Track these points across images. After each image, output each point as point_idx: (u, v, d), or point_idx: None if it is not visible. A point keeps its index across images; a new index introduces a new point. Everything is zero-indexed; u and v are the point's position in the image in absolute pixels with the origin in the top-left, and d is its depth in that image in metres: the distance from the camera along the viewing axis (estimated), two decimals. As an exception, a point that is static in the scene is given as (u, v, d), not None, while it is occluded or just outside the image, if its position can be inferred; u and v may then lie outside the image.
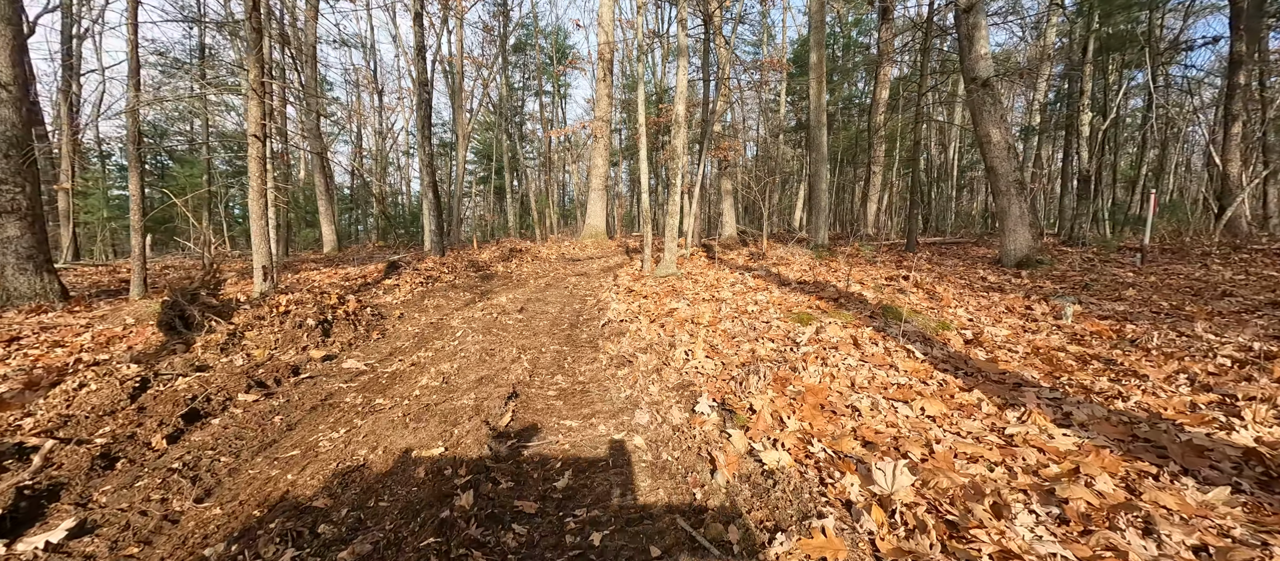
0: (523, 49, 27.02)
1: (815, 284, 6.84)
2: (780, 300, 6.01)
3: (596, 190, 15.04)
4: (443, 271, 9.06)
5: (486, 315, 6.19)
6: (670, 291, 7.04)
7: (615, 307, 6.19)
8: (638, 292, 7.00)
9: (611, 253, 13.79)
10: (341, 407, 3.58)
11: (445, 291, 7.99)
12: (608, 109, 14.84)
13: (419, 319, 6.34)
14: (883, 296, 5.83)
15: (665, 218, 8.15)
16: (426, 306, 7.04)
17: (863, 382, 3.40)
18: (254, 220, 6.40)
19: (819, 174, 12.74)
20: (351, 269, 9.65)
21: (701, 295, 6.69)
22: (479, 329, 5.58)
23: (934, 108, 22.12)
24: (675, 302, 6.30)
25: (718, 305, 6.06)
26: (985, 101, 9.10)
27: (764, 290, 6.76)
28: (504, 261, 11.42)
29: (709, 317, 5.38)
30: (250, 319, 4.83)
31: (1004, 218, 9.04)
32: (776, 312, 5.30)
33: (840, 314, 5.09)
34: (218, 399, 3.49)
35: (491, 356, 4.57)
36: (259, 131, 6.28)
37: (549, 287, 8.64)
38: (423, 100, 10.31)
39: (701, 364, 3.74)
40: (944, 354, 4.11)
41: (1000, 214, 9.15)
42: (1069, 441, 2.63)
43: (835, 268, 8.72)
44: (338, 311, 5.37)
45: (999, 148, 9.02)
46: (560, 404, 3.52)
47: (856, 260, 9.62)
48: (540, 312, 6.60)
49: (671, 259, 8.20)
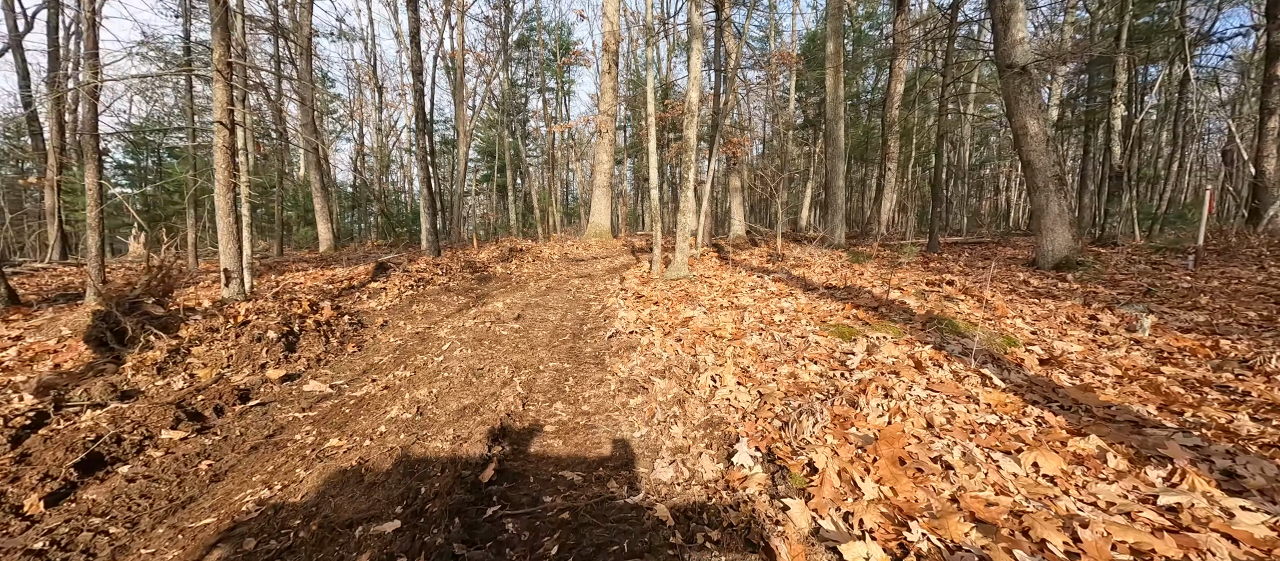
0: (526, 44, 26.28)
1: (846, 289, 6.08)
2: (810, 308, 5.26)
3: (601, 188, 14.31)
4: (436, 273, 8.34)
5: (479, 324, 5.46)
6: (683, 297, 6.29)
7: (623, 316, 5.45)
8: (647, 298, 6.26)
9: (616, 252, 13.06)
10: (288, 448, 2.86)
11: (437, 296, 7.26)
12: (613, 103, 14.09)
13: (403, 328, 5.62)
14: (928, 304, 5.07)
15: (676, 216, 7.41)
16: (414, 313, 6.31)
17: (941, 422, 2.66)
18: (221, 217, 5.68)
19: (835, 170, 11.98)
20: (340, 269, 8.94)
21: (719, 301, 5.95)
22: (469, 341, 4.85)
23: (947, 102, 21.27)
24: (690, 310, 5.56)
25: (739, 314, 5.31)
26: (1022, 91, 8.31)
27: (788, 296, 6.01)
28: (503, 262, 10.69)
29: (732, 330, 4.63)
30: (201, 331, 4.11)
31: (1041, 216, 8.26)
32: (810, 324, 4.56)
33: (885, 326, 4.34)
34: (133, 438, 2.77)
35: (480, 377, 3.84)
36: (226, 118, 5.56)
37: (550, 291, 7.91)
38: (417, 89, 9.59)
39: (733, 394, 3.00)
40: (1023, 379, 3.36)
41: (1037, 211, 8.36)
42: (1258, 521, 1.88)
43: (860, 270, 7.96)
44: (307, 321, 4.65)
45: (1037, 140, 8.24)
46: (558, 444, 2.79)
47: (883, 261, 8.84)
48: (539, 321, 5.87)
49: (683, 260, 7.46)
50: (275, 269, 9.48)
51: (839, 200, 12.04)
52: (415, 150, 9.92)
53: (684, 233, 7.41)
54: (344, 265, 9.89)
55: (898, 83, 17.07)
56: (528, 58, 27.20)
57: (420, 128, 9.64)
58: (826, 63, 11.90)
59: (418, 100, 9.59)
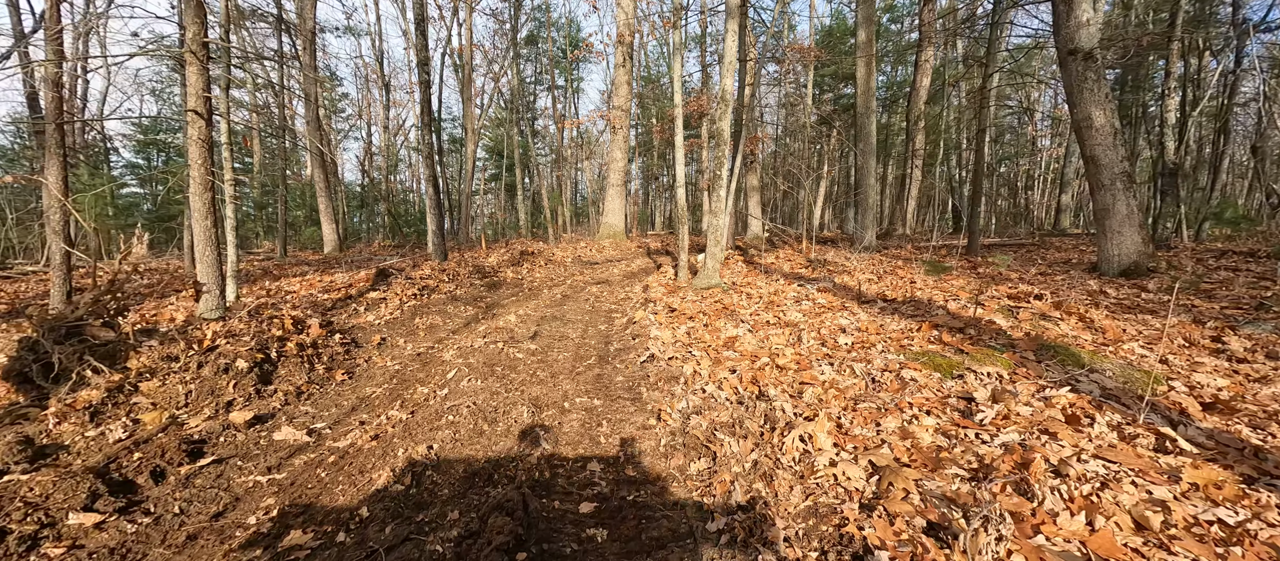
0: (535, 41, 25.54)
1: (910, 302, 5.23)
2: (877, 328, 4.43)
3: (614, 186, 13.49)
4: (442, 280, 7.57)
5: (490, 343, 4.67)
6: (721, 310, 5.48)
7: (658, 336, 4.64)
8: (681, 312, 5.44)
9: (631, 255, 12.25)
10: (236, 539, 2.08)
11: (443, 306, 6.49)
12: (628, 97, 13.27)
13: (403, 348, 4.84)
14: (1021, 324, 4.22)
15: (701, 217, 6.59)
16: (416, 328, 5.54)
17: (1151, 520, 1.83)
18: (196, 221, 4.92)
19: (867, 167, 11.09)
20: (340, 274, 8.20)
21: (763, 316, 5.13)
22: (478, 367, 4.06)
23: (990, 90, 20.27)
24: (732, 327, 4.74)
25: (792, 333, 4.49)
26: (1087, 78, 7.41)
27: (842, 310, 5.17)
28: (513, 266, 9.91)
29: (791, 355, 3.81)
30: (155, 361, 3.34)
31: (1106, 217, 7.36)
32: (890, 351, 3.72)
33: (985, 355, 3.50)
34: (23, 529, 2.00)
35: (492, 423, 3.04)
36: (200, 106, 4.80)
37: (566, 300, 7.12)
38: (423, 81, 8.82)
39: (839, 467, 2.17)
40: (1202, 434, 2.52)
41: (1101, 212, 7.46)
42: None
43: (905, 275, 7.11)
44: (288, 344, 3.88)
45: (1103, 133, 7.34)
46: (602, 537, 1.99)
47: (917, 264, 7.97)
48: (558, 339, 5.07)
49: (714, 266, 6.64)
50: (271, 274, 8.76)
51: (870, 199, 11.16)
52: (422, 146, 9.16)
53: (716, 235, 6.58)
54: (345, 269, 9.15)
55: (924, 76, 16.15)
56: (536, 54, 26.44)
57: (426, 122, 8.86)
58: (857, 52, 11.02)
59: (424, 92, 8.81)
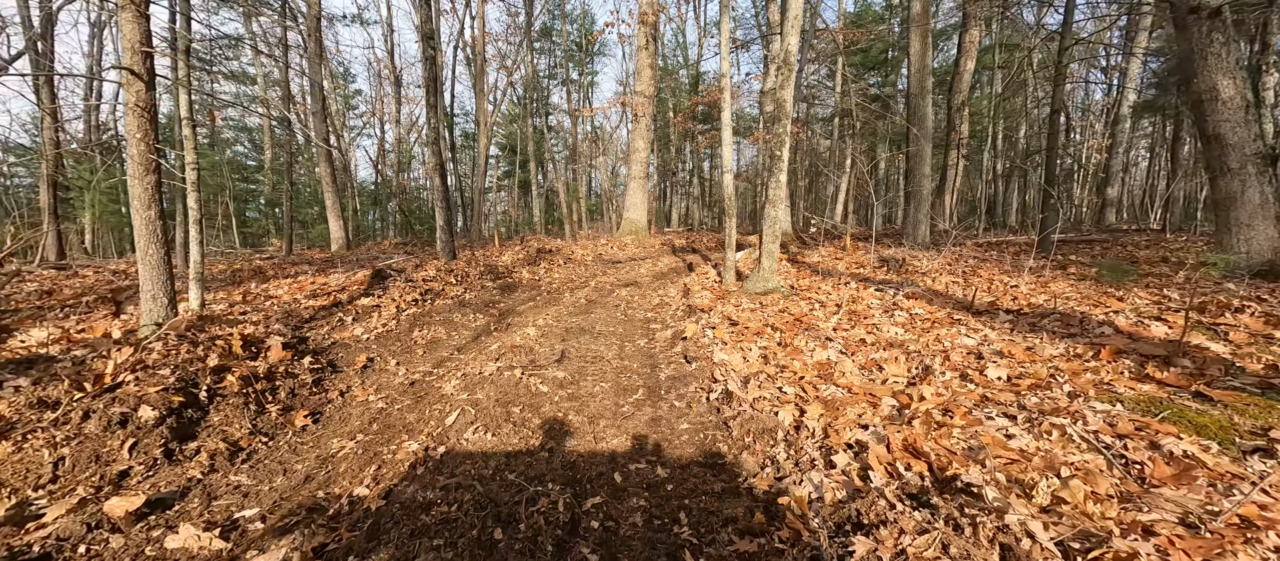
0: (549, 33, 24.44)
1: (1041, 313, 3.97)
2: (1024, 352, 3.19)
3: (636, 178, 12.30)
4: (448, 282, 6.44)
5: (503, 369, 3.52)
6: (793, 323, 4.27)
7: (726, 361, 3.44)
8: (744, 325, 4.23)
9: (656, 252, 11.06)
10: None
11: (448, 314, 5.36)
12: (651, 81, 12.05)
13: (395, 374, 3.70)
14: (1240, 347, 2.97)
15: (765, 208, 5.37)
16: (414, 343, 4.40)
17: None
18: (135, 212, 3.83)
19: (921, 155, 9.77)
20: (337, 275, 7.12)
21: (854, 333, 3.91)
22: (488, 408, 2.90)
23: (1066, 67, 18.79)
24: (819, 348, 3.54)
25: (907, 358, 3.28)
26: (1212, 42, 6.07)
27: (956, 324, 3.94)
28: (530, 265, 8.77)
29: (932, 396, 2.61)
30: (21, 409, 2.23)
31: (1231, 206, 6.02)
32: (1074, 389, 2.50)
33: (1243, 401, 2.27)
34: None
35: (509, 526, 1.88)
36: (139, 65, 3.69)
37: (593, 305, 5.96)
38: (429, 58, 7.69)
39: None
40: None
41: (1226, 200, 6.11)
42: None
43: (991, 276, 5.84)
44: (228, 377, 2.75)
45: (1230, 107, 5.99)
46: None
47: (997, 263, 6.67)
48: (590, 361, 3.89)
49: (772, 266, 5.42)
50: (263, 274, 7.70)
51: (924, 191, 9.85)
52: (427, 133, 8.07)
53: (773, 229, 5.36)
54: (346, 269, 8.08)
55: (968, 60, 14.69)
56: (551, 47, 25.35)
57: (431, 104, 7.73)
58: (912, 26, 9.70)
59: (428, 70, 7.68)
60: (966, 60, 14.40)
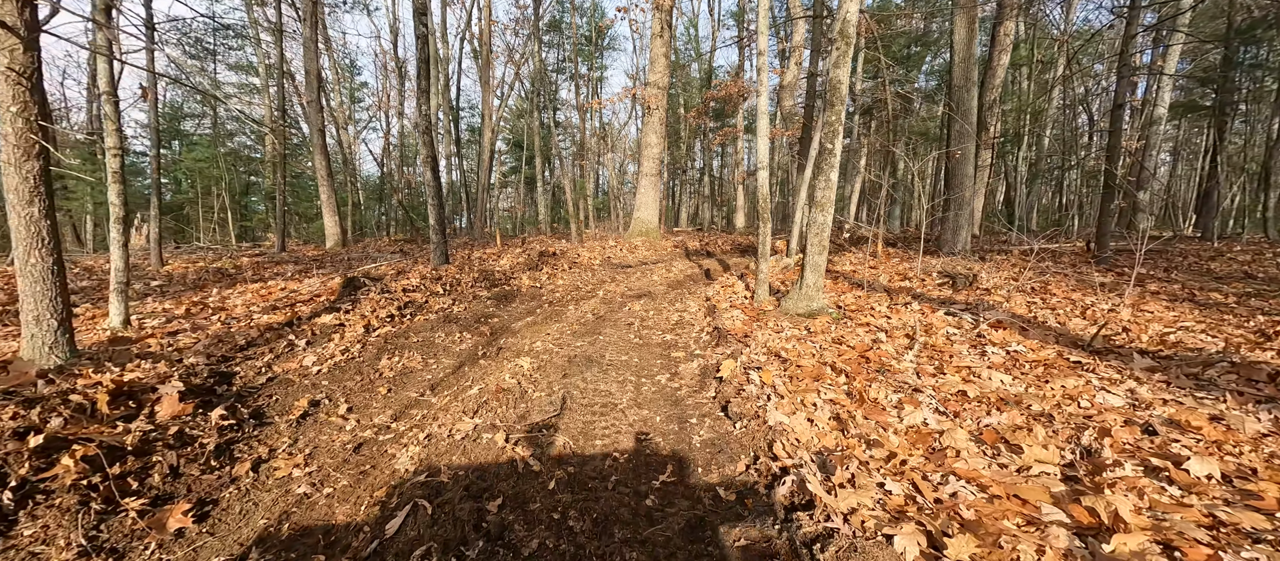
0: (558, 27, 23.49)
1: (1179, 356, 2.97)
2: (1208, 425, 2.22)
3: (648, 176, 11.31)
4: (434, 292, 5.50)
5: (483, 429, 2.58)
6: (856, 360, 3.29)
7: (783, 421, 2.46)
8: (797, 364, 3.25)
9: (669, 256, 10.09)
10: None
11: (429, 333, 4.42)
12: (665, 72, 11.04)
13: (340, 428, 2.76)
14: None
15: (812, 211, 4.37)
16: (379, 376, 3.47)
17: None
18: (14, 207, 2.91)
19: (965, 153, 8.73)
20: (312, 281, 6.20)
21: (944, 380, 2.93)
22: (452, 505, 1.96)
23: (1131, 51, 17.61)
24: (911, 406, 2.57)
25: (1042, 431, 2.30)
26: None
27: (1078, 370, 2.95)
28: (531, 270, 7.83)
29: (1125, 512, 1.65)
30: None
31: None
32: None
33: None
34: None
35: None
36: (13, 16, 2.77)
37: (601, 323, 5.00)
38: (420, 37, 6.74)
39: None
40: None
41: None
42: None
43: (1075, 296, 4.83)
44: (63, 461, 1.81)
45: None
46: None
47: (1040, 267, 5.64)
48: (598, 412, 2.93)
49: (817, 284, 4.44)
50: (230, 277, 6.80)
51: (967, 192, 8.83)
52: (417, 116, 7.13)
53: (820, 239, 4.36)
54: (324, 273, 7.17)
55: (1002, 54, 13.57)
56: (560, 41, 24.39)
57: (423, 88, 6.78)
58: (957, 11, 8.65)
59: (421, 49, 6.73)
60: (1001, 55, 13.26)
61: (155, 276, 7.42)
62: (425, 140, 6.82)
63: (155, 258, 8.99)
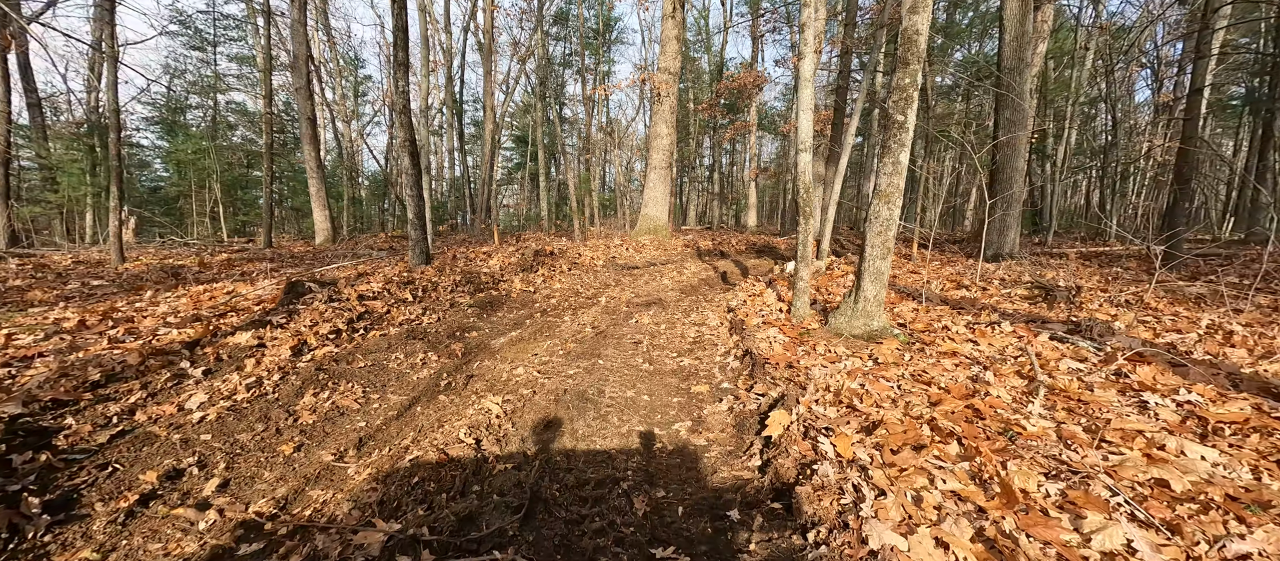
0: (564, 19, 22.47)
1: None
2: None
3: (657, 169, 10.28)
4: (401, 299, 4.51)
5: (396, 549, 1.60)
6: (963, 415, 2.28)
7: (895, 545, 1.47)
8: (880, 421, 2.25)
9: (679, 257, 9.07)
10: None
11: (384, 354, 3.44)
12: (676, 57, 10.00)
13: (188, 529, 1.78)
14: None
15: (875, 202, 3.33)
16: (286, 427, 2.48)
17: None
18: None
19: (1014, 146, 7.62)
20: (261, 285, 5.24)
21: (1124, 459, 1.91)
22: None
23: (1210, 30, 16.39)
24: (1093, 511, 1.55)
25: None
26: None
27: (1272, 432, 1.92)
28: (524, 272, 6.83)
29: None
30: None
31: None
32: None
33: None
34: None
35: None
36: None
37: (601, 340, 4.00)
38: (399, 6, 5.77)
39: None
40: None
41: None
42: None
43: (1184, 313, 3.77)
44: None
45: None
46: None
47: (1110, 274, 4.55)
48: (591, 502, 1.93)
49: (878, 298, 3.42)
50: (174, 279, 5.86)
51: (1017, 187, 7.72)
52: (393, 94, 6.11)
53: (883, 240, 3.33)
54: (297, 270, 6.23)
55: (1040, 42, 12.49)
56: (567, 33, 23.40)
57: (400, 60, 5.79)
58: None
59: (399, 19, 5.75)
60: (1038, 43, 12.14)
61: (104, 275, 6.51)
62: (402, 121, 5.83)
63: (116, 253, 8.08)
